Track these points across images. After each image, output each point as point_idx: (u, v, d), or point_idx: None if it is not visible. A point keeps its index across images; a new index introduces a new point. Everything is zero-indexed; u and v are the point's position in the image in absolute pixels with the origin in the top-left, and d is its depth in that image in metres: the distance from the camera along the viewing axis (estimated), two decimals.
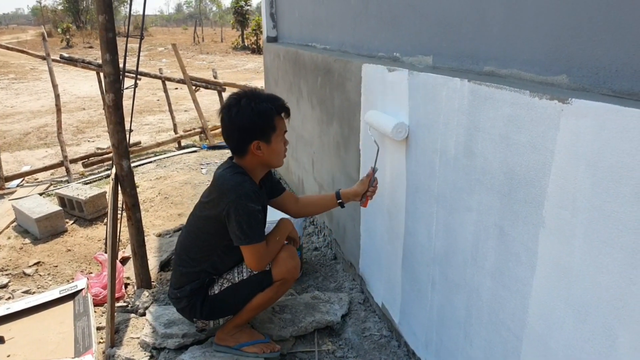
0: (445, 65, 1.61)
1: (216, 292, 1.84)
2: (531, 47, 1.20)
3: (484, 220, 1.31)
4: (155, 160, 5.54)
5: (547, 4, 1.13)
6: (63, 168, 5.12)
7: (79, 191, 3.89)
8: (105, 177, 4.99)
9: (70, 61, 5.64)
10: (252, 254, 1.73)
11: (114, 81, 2.18)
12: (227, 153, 5.71)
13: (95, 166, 5.52)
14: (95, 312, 2.33)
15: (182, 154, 5.84)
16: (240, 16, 27.72)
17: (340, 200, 1.99)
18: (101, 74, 5.64)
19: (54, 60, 5.34)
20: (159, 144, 6.14)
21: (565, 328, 1.05)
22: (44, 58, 5.30)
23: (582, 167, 0.95)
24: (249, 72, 15.99)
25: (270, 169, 1.88)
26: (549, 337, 1.11)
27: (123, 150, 2.25)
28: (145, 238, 2.49)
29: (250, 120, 1.67)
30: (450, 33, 1.56)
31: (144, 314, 2.29)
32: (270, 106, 1.71)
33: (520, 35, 1.23)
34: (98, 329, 2.22)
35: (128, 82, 3.40)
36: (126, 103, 2.31)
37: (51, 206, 3.60)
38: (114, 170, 2.28)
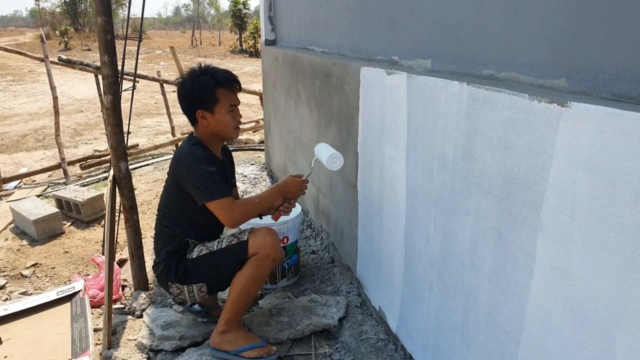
0: (444, 69, 1.62)
1: (194, 256, 1.90)
2: (530, 51, 1.21)
3: (482, 223, 1.31)
4: (152, 163, 5.53)
5: (546, 7, 1.14)
6: (61, 170, 5.11)
7: (77, 193, 3.88)
8: (103, 179, 4.97)
9: (69, 63, 5.64)
10: (217, 210, 1.80)
11: (112, 83, 2.18)
12: None
13: (92, 168, 5.51)
14: (92, 313, 2.32)
15: None
16: (239, 19, 27.76)
17: None
18: (99, 76, 5.64)
19: (52, 62, 5.33)
20: (156, 147, 6.13)
21: (563, 332, 1.05)
22: (42, 60, 5.29)
23: (580, 170, 0.95)
24: (247, 76, 16.00)
25: (224, 140, 2.00)
26: (546, 340, 1.11)
27: (121, 152, 2.25)
28: (143, 240, 2.48)
29: (191, 91, 1.85)
30: (449, 36, 1.56)
31: (141, 316, 2.28)
32: (210, 78, 1.85)
33: (519, 39, 1.24)
34: (95, 330, 2.21)
35: (126, 84, 3.40)
36: (124, 105, 2.31)
37: (49, 208, 3.59)
38: (111, 172, 2.28)
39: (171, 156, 5.76)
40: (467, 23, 1.46)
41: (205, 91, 1.84)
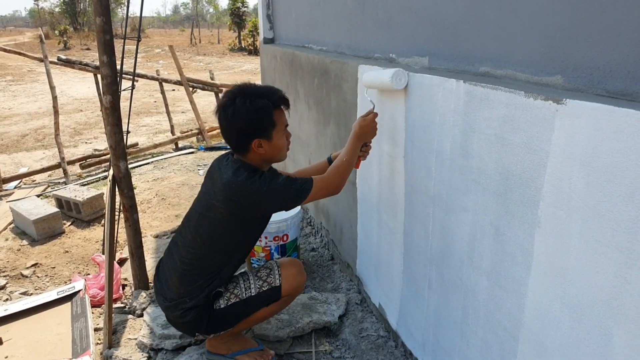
0: (441, 66, 1.62)
1: (222, 306, 1.74)
2: (526, 48, 1.21)
3: (479, 220, 1.32)
4: (152, 162, 5.53)
5: (541, 5, 1.14)
6: (60, 170, 5.12)
7: (77, 193, 3.89)
8: (103, 179, 4.98)
9: (68, 63, 5.64)
10: (319, 193, 1.66)
11: (111, 83, 2.18)
12: None
13: (92, 167, 5.52)
14: (92, 313, 2.33)
15: (179, 155, 5.84)
16: (237, 18, 27.72)
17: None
18: (99, 76, 5.64)
19: (51, 62, 5.34)
20: (156, 146, 6.14)
21: (561, 327, 1.06)
22: (41, 60, 5.29)
23: (576, 167, 0.95)
24: (246, 74, 15.99)
25: (274, 163, 1.78)
26: (545, 336, 1.12)
27: (120, 151, 2.25)
28: (143, 239, 2.49)
29: (248, 119, 1.59)
30: (446, 34, 1.56)
31: (141, 315, 2.29)
32: (267, 102, 1.62)
33: (515, 36, 1.24)
34: (96, 330, 2.22)
35: (125, 83, 3.40)
36: (123, 105, 2.31)
37: (49, 208, 3.60)
38: (111, 171, 2.28)
39: (171, 155, 5.78)
40: (464, 21, 1.46)
41: (265, 118, 1.61)
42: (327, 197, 1.71)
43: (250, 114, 1.59)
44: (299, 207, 2.61)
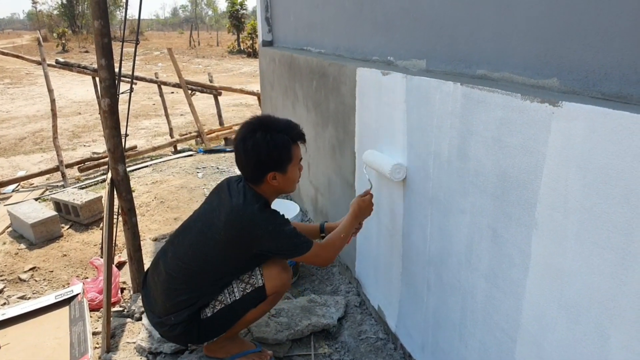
0: (438, 69, 1.63)
1: (209, 314, 1.74)
2: (522, 51, 1.22)
3: (477, 222, 1.32)
4: (151, 165, 5.53)
5: (537, 8, 1.15)
6: (59, 173, 5.11)
7: (75, 196, 3.88)
8: (101, 182, 4.98)
9: (66, 66, 5.64)
10: (312, 258, 1.73)
11: (109, 86, 2.18)
12: (222, 157, 5.71)
13: (91, 171, 5.51)
14: (91, 317, 2.33)
15: (178, 158, 5.84)
16: (236, 20, 27.75)
17: (323, 234, 2.02)
18: (97, 79, 5.65)
19: (49, 65, 5.34)
20: (154, 148, 6.14)
21: (558, 329, 1.06)
22: (39, 63, 5.30)
23: (573, 169, 0.96)
24: (245, 76, 16.01)
25: (283, 194, 1.81)
26: (542, 338, 1.12)
27: (119, 154, 2.25)
28: (141, 242, 2.48)
29: (267, 153, 1.63)
30: (444, 37, 1.57)
31: (140, 319, 2.29)
32: (287, 137, 1.66)
33: (511, 39, 1.25)
34: (94, 334, 2.21)
35: (124, 86, 3.40)
36: (122, 107, 2.31)
37: (47, 211, 3.59)
38: (109, 174, 2.28)
39: (169, 158, 5.79)
40: (461, 23, 1.46)
41: (283, 152, 1.65)
42: (316, 265, 1.81)
43: (270, 149, 1.63)
44: (297, 209, 2.62)
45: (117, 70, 2.30)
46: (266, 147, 1.62)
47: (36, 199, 4.29)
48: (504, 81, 1.30)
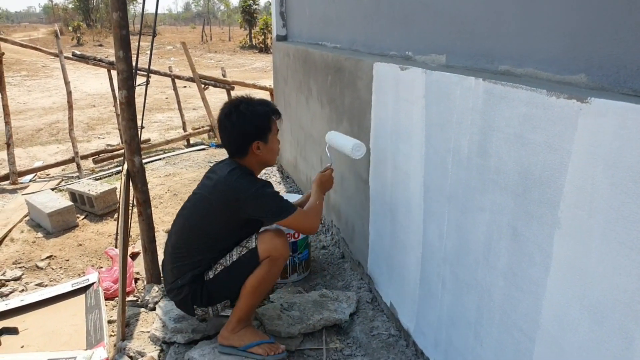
0: (459, 64, 1.61)
1: (211, 276, 1.87)
2: (548, 46, 1.19)
3: (497, 220, 1.30)
4: (164, 158, 5.57)
5: (564, 2, 1.12)
6: (74, 164, 5.17)
7: (90, 187, 3.93)
8: (115, 174, 5.03)
9: (82, 59, 5.69)
10: (295, 222, 1.86)
11: (127, 78, 2.20)
12: None
13: (105, 162, 5.57)
14: (106, 305, 2.35)
15: (190, 151, 5.87)
16: (248, 15, 27.78)
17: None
18: (112, 72, 5.69)
19: (66, 57, 5.39)
20: (168, 142, 6.17)
21: (580, 330, 1.05)
22: (56, 55, 5.35)
23: (600, 167, 0.94)
24: (257, 71, 16.02)
25: (266, 167, 2.04)
26: (562, 338, 1.10)
27: (135, 146, 2.27)
28: (155, 234, 2.50)
29: (251, 122, 1.84)
30: (465, 32, 1.55)
31: (153, 309, 2.31)
32: (266, 108, 1.90)
33: (536, 34, 1.23)
34: (109, 322, 2.24)
35: (139, 79, 3.42)
36: (136, 100, 2.32)
37: (63, 201, 3.64)
38: (125, 166, 2.30)
39: (182, 151, 5.82)
40: (483, 18, 1.44)
41: (265, 121, 1.88)
42: (300, 232, 2.00)
43: (254, 118, 1.85)
44: None
45: (134, 62, 2.31)
46: (250, 116, 1.84)
47: (52, 189, 4.34)
48: (528, 77, 1.27)
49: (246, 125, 1.84)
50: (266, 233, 1.89)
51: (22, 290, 2.67)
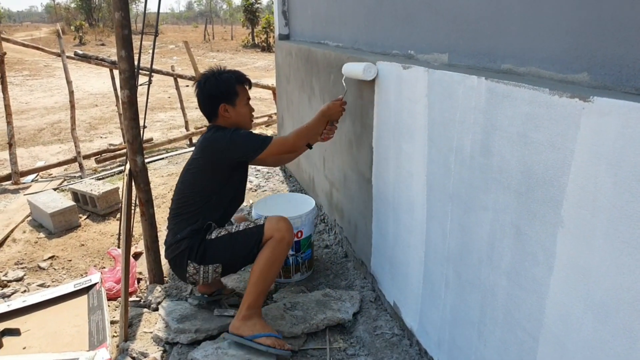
0: (461, 63, 1.60)
1: (213, 237, 2.02)
2: (551, 45, 1.19)
3: (500, 219, 1.30)
4: (167, 157, 5.58)
5: (567, 1, 1.12)
6: (76, 164, 5.18)
7: (92, 187, 3.93)
8: (118, 173, 5.03)
9: (85, 58, 5.70)
10: (277, 147, 2.02)
11: (129, 77, 2.20)
12: None
13: (107, 162, 5.57)
14: (108, 306, 2.36)
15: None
16: (251, 14, 27.76)
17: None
18: (114, 71, 5.69)
19: (68, 57, 5.39)
20: (170, 141, 6.18)
21: (583, 329, 1.04)
22: (58, 55, 5.36)
23: (603, 166, 0.94)
24: (259, 70, 16.00)
25: (241, 128, 2.12)
26: (566, 338, 1.10)
27: (137, 145, 2.27)
28: (158, 233, 2.50)
29: (216, 86, 2.05)
30: (467, 30, 1.54)
31: (156, 309, 2.31)
32: (231, 75, 2.09)
33: (539, 33, 1.22)
34: (112, 322, 2.24)
35: (141, 79, 3.42)
36: (139, 100, 2.33)
37: (65, 201, 3.64)
38: (127, 165, 2.30)
39: (185, 151, 5.82)
40: (486, 17, 1.44)
41: (229, 87, 2.06)
42: (285, 154, 2.16)
43: (218, 83, 2.06)
44: (313, 204, 2.61)
45: (136, 62, 2.31)
46: (215, 82, 2.06)
47: (55, 189, 4.35)
48: (531, 76, 1.27)
49: (212, 89, 2.06)
50: (273, 217, 2.05)
51: (24, 291, 2.68)
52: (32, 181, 4.92)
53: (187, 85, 10.34)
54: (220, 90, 2.06)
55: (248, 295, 1.94)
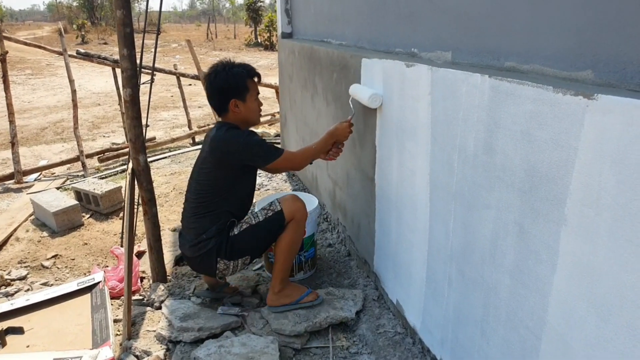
0: (465, 61, 1.60)
1: (236, 233, 2.08)
2: (554, 42, 1.18)
3: (503, 217, 1.30)
4: (169, 156, 5.58)
5: None
6: (79, 162, 5.19)
7: (95, 186, 3.94)
8: (121, 172, 5.04)
9: (87, 57, 5.71)
10: (284, 162, 2.07)
11: (131, 76, 2.20)
12: None
13: (110, 161, 5.58)
14: (112, 304, 2.36)
15: (196, 149, 5.88)
16: (253, 12, 27.73)
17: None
18: (117, 70, 5.70)
19: (70, 56, 5.40)
20: (173, 140, 6.19)
21: (586, 327, 1.04)
22: (61, 54, 5.36)
23: (607, 164, 0.93)
24: (262, 69, 15.96)
25: (250, 126, 2.17)
26: (569, 336, 1.10)
27: (140, 144, 2.27)
28: (161, 233, 2.51)
29: (227, 81, 2.03)
30: (471, 28, 1.54)
31: (159, 308, 2.32)
32: (242, 70, 2.07)
33: (543, 30, 1.22)
34: (115, 321, 2.25)
35: (144, 77, 3.42)
36: (141, 98, 2.33)
37: (68, 200, 3.65)
38: (130, 164, 2.31)
39: (188, 149, 5.83)
40: (489, 15, 1.43)
41: (240, 81, 2.05)
42: (289, 170, 2.21)
43: (229, 77, 2.03)
44: (315, 202, 2.61)
45: (138, 60, 2.31)
46: (226, 76, 2.03)
47: (57, 188, 4.36)
48: (534, 74, 1.26)
49: (223, 84, 2.03)
50: (287, 198, 2.14)
51: (28, 289, 2.69)
52: (35, 180, 4.94)
53: (190, 84, 10.37)
54: (231, 85, 2.04)
55: (278, 272, 2.12)
